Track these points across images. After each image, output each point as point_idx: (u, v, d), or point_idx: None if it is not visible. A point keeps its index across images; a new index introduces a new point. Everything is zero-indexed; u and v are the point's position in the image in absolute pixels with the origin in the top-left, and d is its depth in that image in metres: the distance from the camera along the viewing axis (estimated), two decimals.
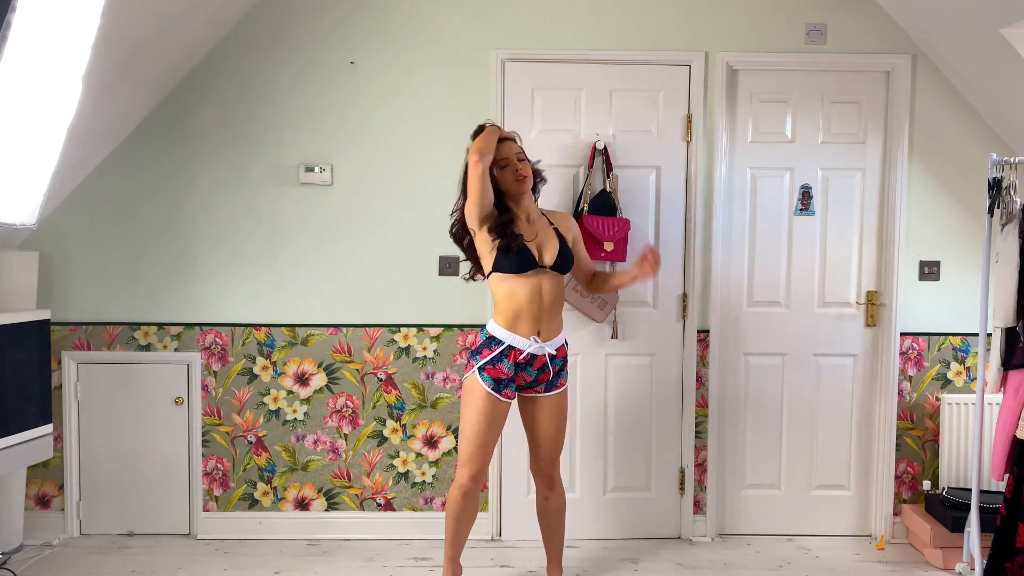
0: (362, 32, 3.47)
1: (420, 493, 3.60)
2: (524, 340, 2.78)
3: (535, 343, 2.78)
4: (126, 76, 3.11)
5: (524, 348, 2.78)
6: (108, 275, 3.52)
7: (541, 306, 2.79)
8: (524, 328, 2.78)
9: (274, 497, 3.59)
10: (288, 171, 3.50)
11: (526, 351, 2.77)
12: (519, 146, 2.89)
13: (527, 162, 2.87)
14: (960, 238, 3.57)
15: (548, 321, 2.81)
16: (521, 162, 2.84)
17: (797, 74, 3.54)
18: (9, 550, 3.34)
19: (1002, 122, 3.47)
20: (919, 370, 3.61)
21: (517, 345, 2.78)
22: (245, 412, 3.57)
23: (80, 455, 3.53)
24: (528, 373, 2.81)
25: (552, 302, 2.81)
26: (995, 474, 3.00)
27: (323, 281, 3.53)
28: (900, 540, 3.61)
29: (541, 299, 2.78)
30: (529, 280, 2.77)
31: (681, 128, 3.52)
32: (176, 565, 3.29)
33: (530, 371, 2.81)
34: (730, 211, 3.57)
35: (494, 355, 2.78)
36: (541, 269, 2.79)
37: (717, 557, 3.44)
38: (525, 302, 2.77)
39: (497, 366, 2.77)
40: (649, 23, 3.49)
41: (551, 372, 2.84)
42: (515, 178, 2.81)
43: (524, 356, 2.78)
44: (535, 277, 2.78)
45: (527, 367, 2.80)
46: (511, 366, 2.78)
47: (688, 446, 3.60)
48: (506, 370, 2.77)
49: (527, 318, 2.77)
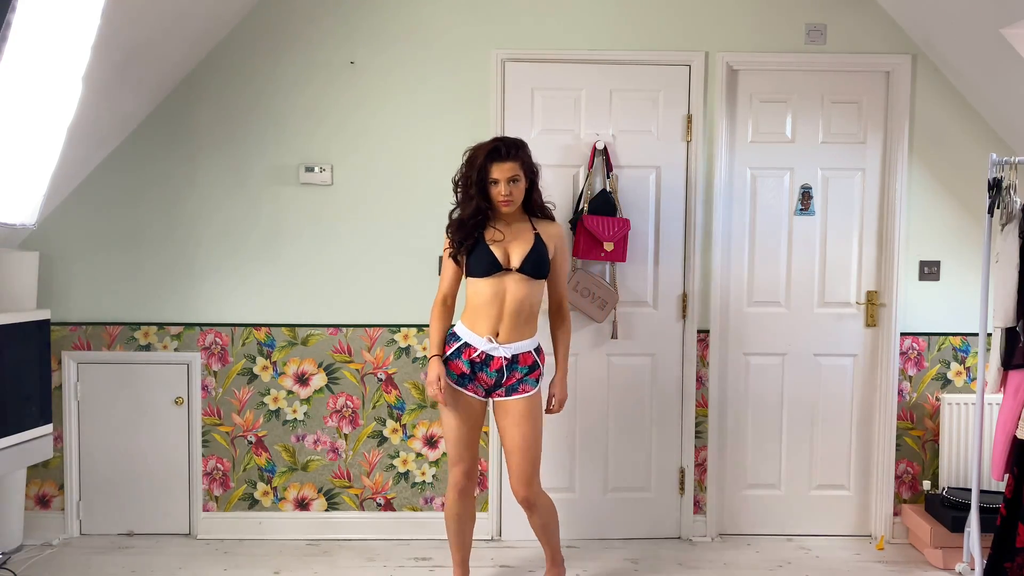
0: (362, 32, 3.47)
1: (420, 493, 3.61)
2: (480, 339, 2.79)
3: (489, 343, 2.78)
4: (126, 76, 3.11)
5: (478, 346, 2.79)
6: (108, 275, 3.52)
7: (502, 308, 2.78)
8: (481, 327, 2.79)
9: (274, 497, 3.59)
10: (288, 171, 3.50)
11: (480, 349, 2.78)
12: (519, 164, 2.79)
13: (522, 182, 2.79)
14: (960, 238, 3.57)
15: (510, 324, 2.78)
16: (515, 183, 2.77)
17: (797, 74, 3.54)
18: (9, 550, 3.34)
19: (1002, 122, 3.47)
20: (919, 370, 3.61)
21: (471, 343, 2.80)
22: (245, 412, 3.57)
23: (80, 455, 3.53)
24: (487, 374, 2.80)
25: (517, 306, 2.78)
26: (995, 474, 3.00)
27: (323, 281, 3.53)
28: (900, 540, 3.61)
29: (503, 301, 2.78)
30: (493, 281, 2.78)
31: (681, 128, 3.52)
32: (176, 565, 3.29)
33: (488, 372, 2.80)
34: (730, 211, 3.57)
35: (452, 351, 2.82)
36: (507, 272, 2.78)
37: (717, 557, 3.44)
38: (485, 302, 2.78)
39: (455, 361, 2.81)
40: (649, 23, 3.49)
41: (515, 377, 2.81)
42: (499, 201, 2.78)
43: (479, 355, 2.79)
44: (499, 279, 2.78)
45: (484, 367, 2.80)
46: (467, 363, 2.80)
47: (688, 446, 3.60)
48: (463, 367, 2.80)
49: (484, 317, 2.79)
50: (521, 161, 2.81)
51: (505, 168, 2.76)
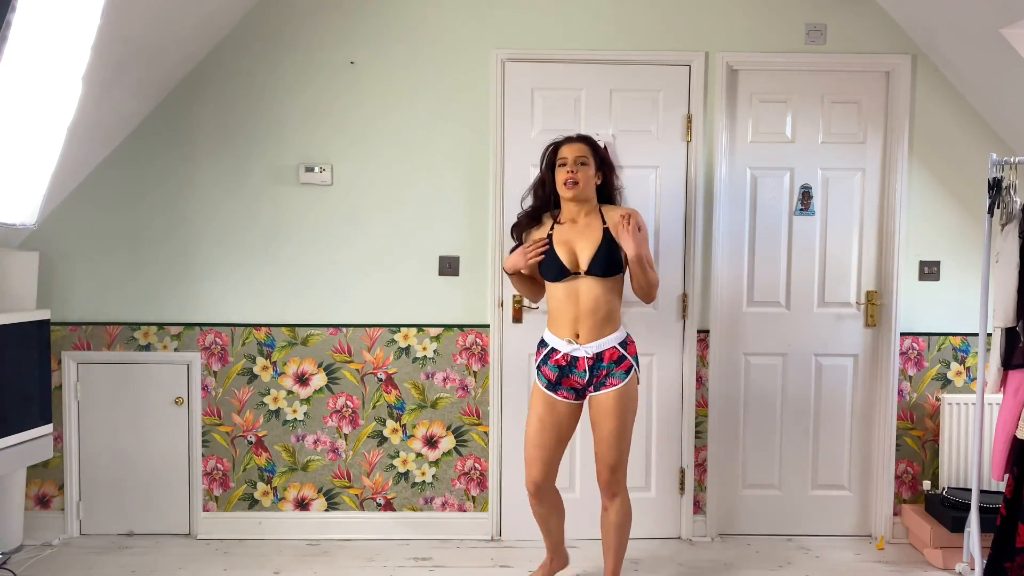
0: (362, 32, 3.48)
1: (420, 493, 3.60)
2: (561, 342, 2.81)
3: (570, 345, 2.79)
4: (126, 76, 3.11)
5: (560, 349, 2.81)
6: (108, 275, 3.52)
7: (577, 309, 2.79)
8: (562, 331, 2.82)
9: (274, 497, 3.59)
10: (288, 171, 3.50)
11: (563, 352, 2.81)
12: (589, 149, 2.84)
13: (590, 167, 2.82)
14: (960, 238, 3.57)
15: (588, 323, 2.79)
16: (584, 166, 2.80)
17: (797, 74, 3.54)
18: (9, 550, 3.34)
19: (1002, 122, 3.47)
20: (919, 370, 3.61)
21: (556, 347, 2.83)
22: (245, 412, 3.57)
23: (80, 455, 3.53)
24: (577, 376, 2.82)
25: (592, 306, 2.78)
26: (995, 474, 3.00)
27: (323, 281, 3.53)
28: (900, 540, 3.61)
29: (578, 303, 2.79)
30: (565, 285, 2.81)
31: (681, 128, 3.52)
32: (176, 565, 3.29)
33: (577, 373, 2.82)
34: (730, 211, 3.57)
35: (542, 357, 2.86)
36: (576, 275, 2.80)
37: (717, 557, 3.44)
38: (561, 306, 2.82)
39: (544, 368, 2.85)
40: (649, 23, 3.49)
41: (602, 374, 2.82)
42: (563, 180, 2.81)
43: (563, 357, 2.81)
44: (571, 282, 2.80)
45: (572, 369, 2.82)
46: (554, 368, 2.82)
47: (688, 446, 3.60)
48: (551, 373, 2.83)
49: (563, 321, 2.82)
50: (592, 147, 2.87)
51: (575, 148, 2.83)
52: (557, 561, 3.08)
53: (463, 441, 3.59)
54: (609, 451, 2.82)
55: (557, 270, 2.80)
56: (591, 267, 2.78)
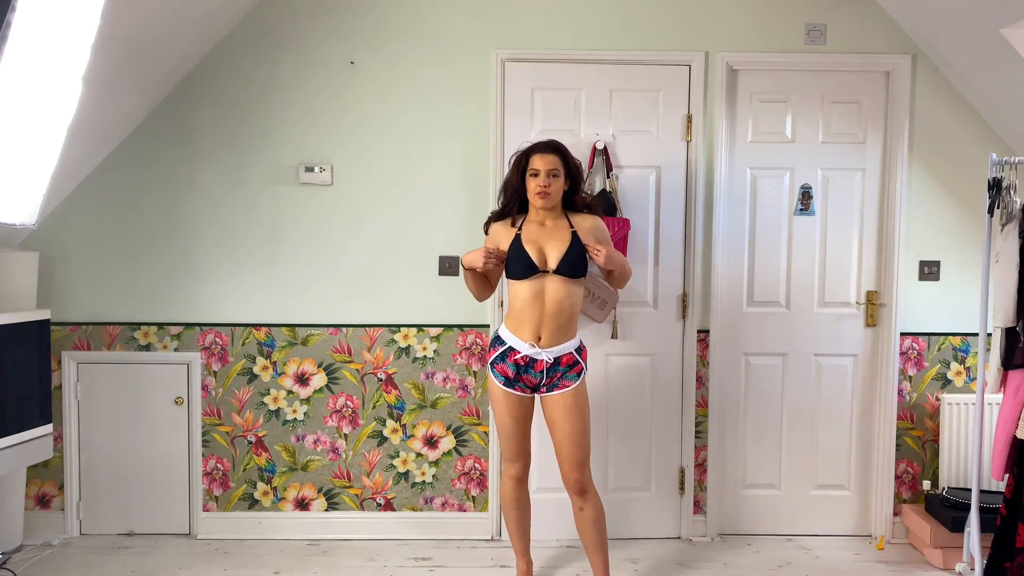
0: (362, 32, 3.48)
1: (420, 493, 3.61)
2: (523, 343, 2.81)
3: (533, 348, 2.80)
4: (126, 76, 3.11)
5: (521, 350, 2.81)
6: (108, 275, 3.52)
7: (543, 311, 2.80)
8: (525, 332, 2.81)
9: (274, 497, 3.59)
10: (288, 171, 3.50)
11: (522, 353, 2.81)
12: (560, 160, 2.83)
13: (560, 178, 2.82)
14: (960, 238, 3.57)
15: (551, 326, 2.80)
16: (555, 178, 2.81)
17: (797, 74, 3.54)
18: (9, 550, 3.34)
19: (1002, 122, 3.47)
20: (919, 370, 3.61)
21: (515, 347, 2.82)
22: (245, 412, 3.57)
23: (80, 455, 3.53)
24: (532, 375, 2.83)
25: (556, 309, 2.79)
26: (995, 474, 3.00)
27: (323, 281, 3.53)
28: (900, 540, 3.61)
29: (543, 304, 2.80)
30: (531, 284, 2.80)
31: (681, 128, 3.52)
32: (176, 565, 3.29)
33: (533, 373, 2.83)
34: (730, 211, 3.57)
35: (497, 354, 2.86)
36: (544, 274, 2.80)
37: (717, 557, 3.44)
38: (526, 306, 2.80)
39: (501, 365, 2.84)
40: (649, 23, 3.49)
41: (557, 376, 2.83)
42: (535, 191, 2.82)
43: (523, 357, 2.81)
44: (537, 281, 2.80)
45: (529, 369, 2.82)
46: (512, 366, 2.83)
47: (688, 446, 3.60)
48: (509, 371, 2.83)
49: (527, 322, 2.81)
50: (563, 158, 2.86)
51: (547, 159, 2.82)
52: (529, 564, 3.11)
53: (463, 441, 3.59)
54: (576, 449, 2.83)
55: (525, 266, 2.79)
56: (560, 266, 2.79)
